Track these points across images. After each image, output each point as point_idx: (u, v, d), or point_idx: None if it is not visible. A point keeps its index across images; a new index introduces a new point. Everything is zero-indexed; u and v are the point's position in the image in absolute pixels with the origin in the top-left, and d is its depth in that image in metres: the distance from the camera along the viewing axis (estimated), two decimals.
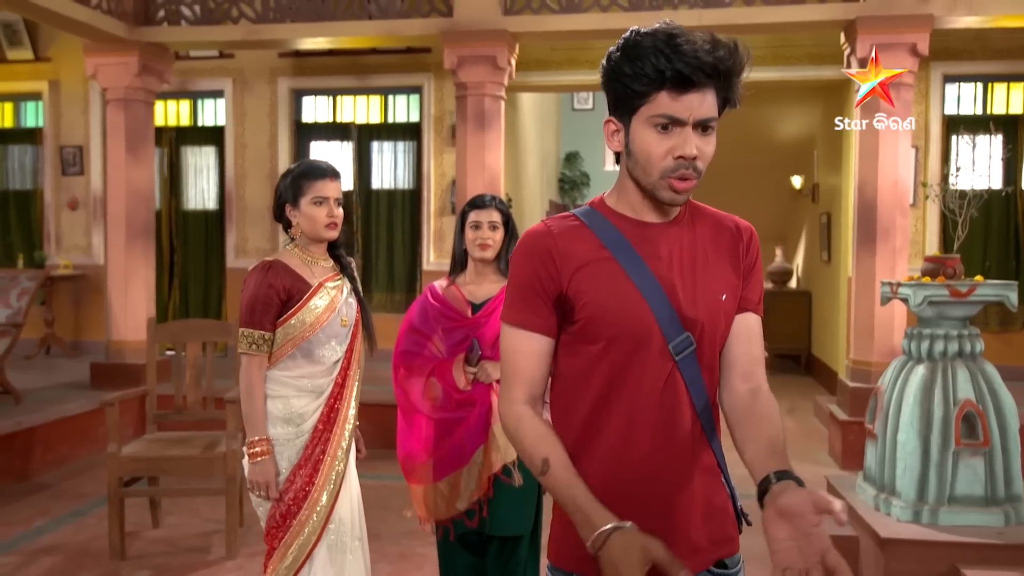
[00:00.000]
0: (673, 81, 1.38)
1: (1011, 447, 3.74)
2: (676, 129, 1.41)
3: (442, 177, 8.22)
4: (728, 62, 1.41)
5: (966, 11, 5.99)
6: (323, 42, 7.09)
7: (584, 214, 1.54)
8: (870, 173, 6.09)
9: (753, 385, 1.55)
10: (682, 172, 1.42)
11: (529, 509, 2.86)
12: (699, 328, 1.48)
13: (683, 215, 1.54)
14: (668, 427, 1.47)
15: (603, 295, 1.46)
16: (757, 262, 1.60)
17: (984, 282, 3.79)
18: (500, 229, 2.88)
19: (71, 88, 8.63)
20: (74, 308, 8.70)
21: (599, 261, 1.48)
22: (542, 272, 1.49)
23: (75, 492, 5.21)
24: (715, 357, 1.53)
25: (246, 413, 2.64)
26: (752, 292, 1.59)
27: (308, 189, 2.69)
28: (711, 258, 1.53)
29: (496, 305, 2.83)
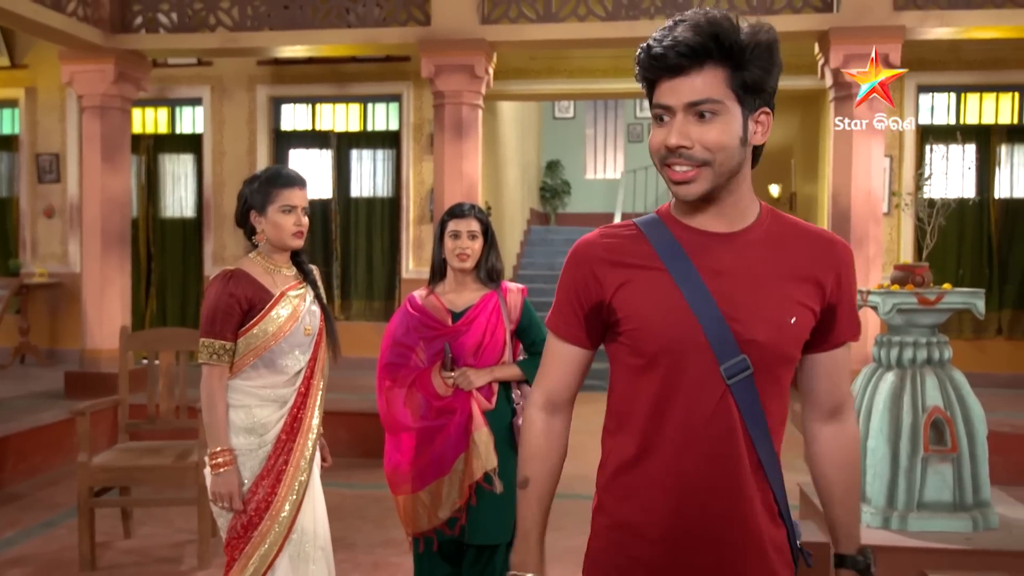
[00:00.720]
0: (654, 68, 1.33)
1: (979, 453, 3.78)
2: (670, 119, 1.34)
3: (421, 185, 8.23)
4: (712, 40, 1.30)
5: (938, 23, 6.07)
6: (301, 50, 7.09)
7: (644, 222, 1.46)
8: (844, 182, 6.16)
9: (837, 425, 1.48)
10: (671, 160, 1.34)
11: (509, 518, 2.84)
12: (758, 351, 1.35)
13: (758, 225, 1.42)
14: (719, 455, 1.37)
15: (649, 308, 1.37)
16: (852, 286, 1.45)
17: (952, 290, 3.84)
18: (479, 238, 2.88)
19: (48, 95, 8.58)
20: (50, 317, 8.63)
21: (649, 271, 1.39)
22: (580, 283, 1.44)
23: (47, 502, 5.16)
24: (779, 385, 1.40)
25: (207, 423, 2.61)
26: (843, 324, 1.44)
27: (276, 197, 2.65)
28: (784, 276, 1.39)
29: (476, 314, 2.85)
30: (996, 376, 7.40)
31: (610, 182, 15.00)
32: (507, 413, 2.87)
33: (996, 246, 7.71)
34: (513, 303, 2.90)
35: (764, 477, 1.40)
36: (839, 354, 1.46)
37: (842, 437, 1.49)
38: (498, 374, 2.84)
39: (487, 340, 2.82)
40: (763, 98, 1.37)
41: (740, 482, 1.37)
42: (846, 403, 1.49)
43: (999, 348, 7.66)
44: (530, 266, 11.38)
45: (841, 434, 1.48)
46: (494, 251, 2.93)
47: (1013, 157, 7.76)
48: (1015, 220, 7.71)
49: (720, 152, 1.32)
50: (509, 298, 2.90)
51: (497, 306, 2.86)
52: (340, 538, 4.41)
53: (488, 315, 2.84)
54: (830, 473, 1.49)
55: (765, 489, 1.40)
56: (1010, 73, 7.57)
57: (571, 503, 4.90)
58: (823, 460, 1.50)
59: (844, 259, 1.44)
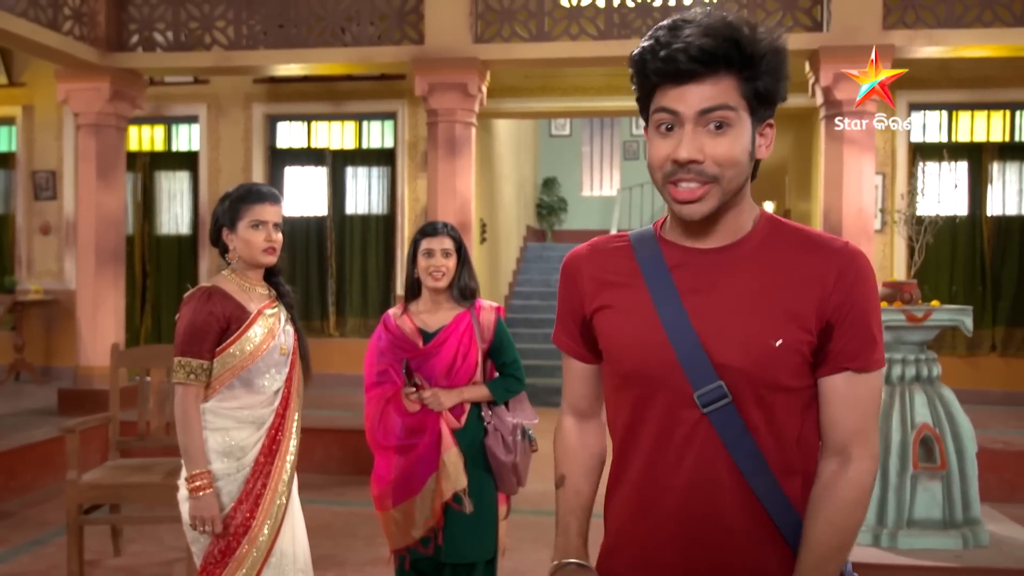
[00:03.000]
0: (663, 72, 1.21)
1: (968, 471, 3.78)
2: (678, 130, 1.22)
3: (416, 202, 8.26)
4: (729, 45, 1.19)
5: (927, 42, 6.12)
6: (296, 68, 7.13)
7: (637, 236, 1.38)
8: (835, 200, 6.19)
9: (842, 461, 1.27)
10: (678, 176, 1.22)
11: (486, 538, 2.85)
12: (736, 377, 1.23)
13: (752, 237, 1.29)
14: (695, 485, 1.26)
15: (624, 328, 1.31)
16: (860, 301, 1.25)
17: (940, 307, 3.85)
18: (453, 256, 2.87)
19: (45, 113, 8.62)
20: (45, 334, 8.63)
21: (627, 288, 1.32)
22: (571, 295, 1.40)
23: (37, 520, 5.14)
24: (774, 414, 1.25)
25: (184, 445, 2.54)
26: (846, 342, 1.25)
27: (245, 213, 2.61)
28: (776, 293, 1.25)
29: (448, 335, 2.84)
30: (990, 393, 7.40)
31: (606, 199, 15.04)
32: (478, 432, 2.86)
33: (989, 263, 7.73)
34: (486, 322, 2.89)
35: (764, 514, 1.26)
36: (839, 382, 1.26)
37: (839, 478, 1.27)
38: (467, 395, 2.84)
39: (459, 362, 2.82)
40: (771, 110, 1.27)
41: (722, 515, 1.26)
42: (855, 441, 1.27)
43: (993, 365, 7.67)
44: (526, 283, 11.39)
45: (839, 474, 1.27)
46: (467, 269, 2.92)
47: (1005, 174, 7.80)
48: (1007, 237, 7.74)
49: (730, 168, 1.22)
50: (482, 317, 2.89)
51: (470, 325, 2.86)
52: (330, 556, 4.41)
53: (460, 335, 2.84)
54: (811, 513, 1.27)
55: (765, 526, 1.26)
56: (1001, 91, 7.62)
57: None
58: (812, 497, 1.29)
59: (848, 266, 1.25)
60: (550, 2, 6.61)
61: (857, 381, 1.27)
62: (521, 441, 2.85)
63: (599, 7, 6.54)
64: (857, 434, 1.28)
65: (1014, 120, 7.86)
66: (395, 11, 6.75)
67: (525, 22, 6.59)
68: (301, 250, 8.43)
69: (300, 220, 8.44)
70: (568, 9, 6.59)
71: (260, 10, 6.84)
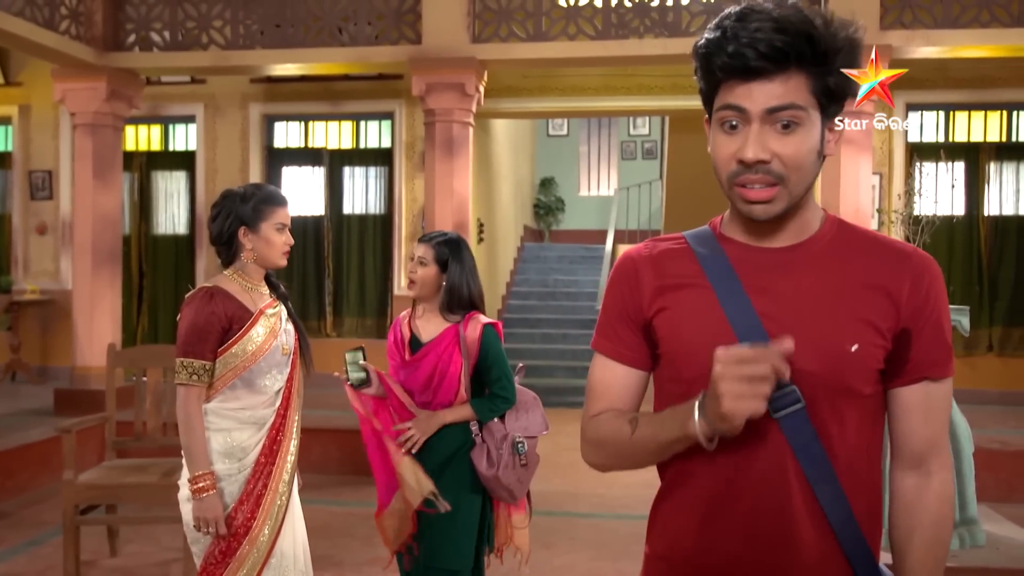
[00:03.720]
0: (730, 69, 1.16)
1: (965, 471, 3.78)
2: (744, 127, 1.17)
3: (414, 202, 8.25)
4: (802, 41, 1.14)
5: (924, 42, 6.13)
6: (294, 68, 7.13)
7: (694, 235, 1.33)
8: (832, 200, 6.19)
9: (919, 478, 1.26)
10: (745, 177, 1.18)
11: (465, 544, 2.83)
12: (810, 382, 1.18)
13: (820, 237, 1.26)
14: (763, 495, 1.21)
15: (689, 330, 1.25)
16: (936, 308, 1.23)
17: None
18: (430, 266, 2.85)
19: (41, 113, 8.60)
20: (41, 334, 8.62)
21: (692, 289, 1.26)
22: (627, 297, 1.32)
23: (33, 520, 5.13)
24: (846, 423, 1.22)
25: (187, 446, 2.54)
26: (926, 350, 1.23)
27: (271, 215, 2.63)
28: (847, 296, 1.21)
29: (430, 349, 2.83)
30: (987, 393, 7.41)
31: (604, 199, 15.05)
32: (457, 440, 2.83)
33: (986, 263, 7.74)
34: (471, 337, 2.81)
35: (828, 526, 1.21)
36: (917, 392, 1.23)
37: (925, 493, 1.26)
38: (448, 418, 2.81)
39: (436, 379, 2.81)
40: (841, 106, 1.23)
41: (788, 525, 1.21)
42: (932, 452, 1.26)
43: (990, 365, 7.67)
44: (524, 283, 11.39)
45: (924, 489, 1.26)
46: (456, 284, 2.85)
47: (1002, 175, 7.80)
48: (1005, 237, 7.75)
49: (798, 169, 1.18)
50: (468, 332, 2.82)
51: (454, 341, 2.81)
52: (327, 556, 4.40)
53: (442, 351, 2.81)
54: (904, 535, 1.27)
55: (828, 540, 1.22)
56: (998, 91, 7.63)
57: (560, 521, 4.90)
58: (898, 518, 1.28)
59: (922, 273, 1.22)
60: (548, 2, 6.61)
61: (934, 390, 1.25)
62: (510, 455, 2.79)
63: (596, 7, 6.54)
64: (934, 445, 1.27)
65: (1011, 120, 7.87)
66: (392, 11, 6.74)
67: (523, 22, 6.59)
68: (298, 250, 8.42)
69: (297, 220, 8.42)
70: (566, 9, 6.59)
71: (257, 10, 6.84)
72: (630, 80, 8.07)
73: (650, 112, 11.35)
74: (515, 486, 2.81)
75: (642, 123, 15.42)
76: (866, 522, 1.24)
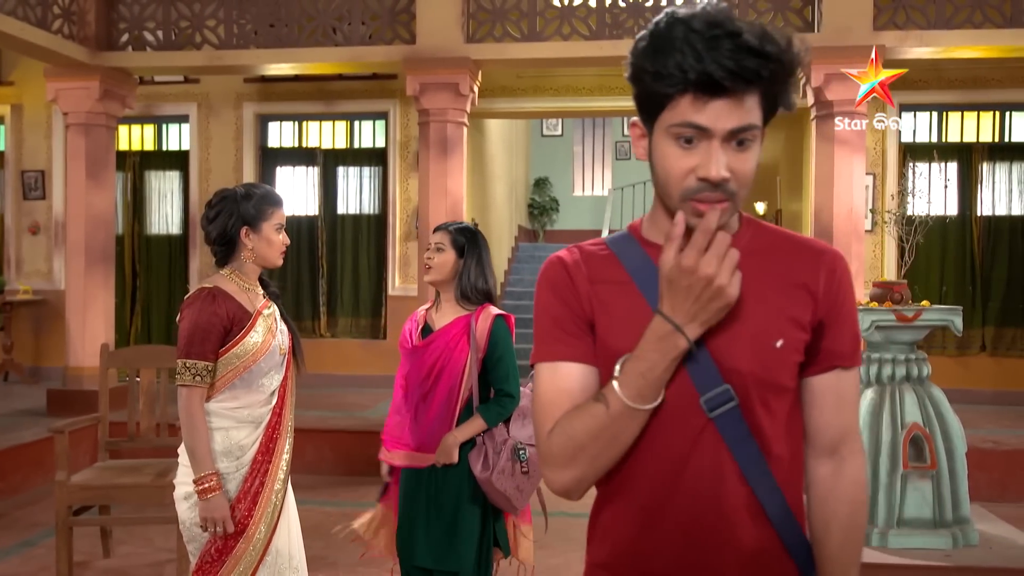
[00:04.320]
0: (698, 85, 1.13)
1: (958, 470, 3.79)
2: (702, 143, 1.16)
3: (408, 202, 8.25)
4: (774, 62, 1.14)
5: (917, 43, 6.15)
6: (287, 68, 7.12)
7: (615, 240, 1.32)
8: (826, 200, 6.21)
9: (834, 465, 1.29)
10: (705, 195, 1.17)
11: (465, 548, 2.80)
12: (741, 380, 1.20)
13: (738, 238, 1.26)
14: (701, 494, 1.22)
15: (622, 334, 1.23)
16: (845, 301, 1.28)
17: (930, 307, 3.87)
18: (447, 251, 2.85)
19: (34, 112, 8.57)
20: (34, 334, 8.59)
21: (623, 296, 1.26)
22: (569, 298, 1.28)
23: (26, 521, 5.12)
24: (776, 418, 1.24)
25: (191, 447, 2.55)
26: (838, 341, 1.27)
27: (272, 215, 2.65)
28: (769, 295, 1.24)
29: (437, 336, 2.83)
30: (980, 392, 7.43)
31: (598, 199, 15.05)
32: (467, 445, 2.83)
33: (979, 263, 7.77)
34: (481, 329, 2.80)
35: (766, 521, 1.23)
36: (830, 380, 1.27)
37: (840, 480, 1.29)
38: (463, 436, 2.79)
39: (438, 367, 2.79)
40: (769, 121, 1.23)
41: (727, 523, 1.22)
42: (845, 439, 1.29)
43: (983, 365, 7.70)
44: (518, 283, 11.38)
45: (839, 476, 1.29)
46: (473, 271, 2.85)
47: (995, 175, 7.84)
48: (997, 237, 7.78)
49: (747, 185, 1.19)
50: (479, 323, 2.81)
51: (464, 331, 2.80)
52: (321, 556, 4.39)
53: (448, 339, 2.80)
54: (821, 523, 1.29)
55: (767, 534, 1.24)
56: (991, 92, 7.66)
57: (555, 520, 4.89)
58: (815, 507, 1.30)
59: (834, 267, 1.27)
60: (542, 2, 6.61)
61: (844, 378, 1.29)
62: (508, 460, 2.75)
63: (591, 7, 6.54)
64: (847, 432, 1.30)
65: (1004, 121, 7.90)
66: (386, 11, 6.74)
67: (517, 22, 6.58)
68: (292, 250, 8.30)
69: (291, 220, 8.40)
70: (560, 9, 6.59)
71: (251, 9, 6.82)
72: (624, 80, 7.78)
73: None
74: (512, 494, 2.76)
75: None
76: (798, 513, 1.27)
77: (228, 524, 2.53)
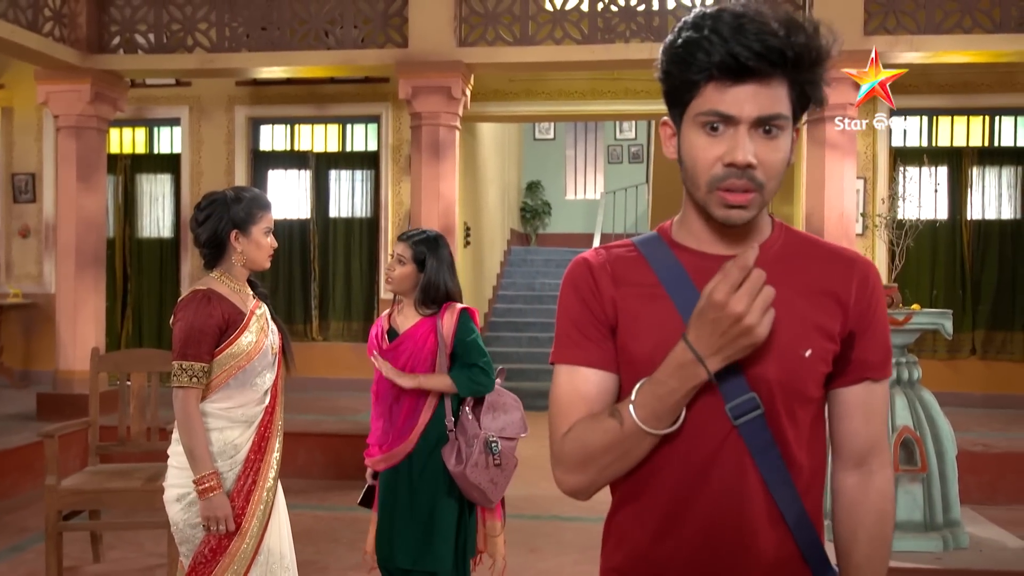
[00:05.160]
0: (722, 67, 1.12)
1: (948, 473, 3.81)
2: (728, 130, 1.15)
3: (400, 206, 8.24)
4: (800, 46, 1.13)
5: (907, 47, 6.17)
6: (279, 71, 7.11)
7: (643, 242, 1.30)
8: (817, 204, 6.23)
9: (861, 477, 1.28)
10: (731, 182, 1.15)
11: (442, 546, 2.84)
12: (768, 388, 1.19)
13: (771, 244, 1.25)
14: (723, 503, 1.20)
15: (647, 339, 1.22)
16: (877, 311, 1.25)
17: (920, 311, 3.88)
18: (407, 264, 2.91)
19: (24, 115, 8.54)
20: (24, 337, 8.54)
21: (649, 299, 1.24)
22: (590, 300, 1.27)
23: (16, 526, 5.09)
24: (801, 427, 1.23)
25: (190, 448, 2.56)
26: (869, 352, 1.25)
27: (261, 218, 2.69)
28: (799, 303, 1.21)
29: (405, 338, 2.89)
30: (970, 396, 7.47)
31: (590, 203, 15.07)
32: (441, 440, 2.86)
33: (969, 267, 7.81)
34: (447, 325, 2.88)
35: (786, 528, 1.22)
36: (860, 392, 1.26)
37: (867, 491, 1.28)
38: (426, 383, 2.83)
39: (408, 370, 2.85)
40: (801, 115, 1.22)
41: (747, 530, 1.21)
42: (874, 451, 1.28)
43: (973, 368, 7.74)
44: (510, 286, 11.39)
45: (866, 487, 1.28)
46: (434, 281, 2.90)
47: (984, 179, 7.88)
48: (987, 241, 7.82)
49: (776, 177, 1.18)
50: (444, 320, 2.88)
51: (431, 331, 2.88)
52: (312, 561, 4.38)
53: (416, 340, 2.87)
54: (848, 533, 1.28)
55: (786, 542, 1.23)
56: (981, 96, 7.70)
57: (546, 524, 4.90)
58: (841, 517, 1.29)
59: (866, 277, 1.25)
60: (534, 6, 6.62)
61: (874, 390, 1.27)
62: (481, 453, 2.78)
63: (583, 11, 6.55)
64: (875, 444, 1.28)
65: (993, 125, 7.94)
66: (379, 14, 6.74)
67: (509, 26, 6.59)
68: (284, 253, 8.38)
69: (283, 223, 8.39)
70: (552, 13, 6.61)
71: (243, 12, 6.81)
72: (616, 84, 8.09)
73: (636, 116, 11.39)
74: (487, 486, 2.80)
75: (628, 127, 15.45)
76: (817, 521, 1.26)
77: (231, 522, 2.56)
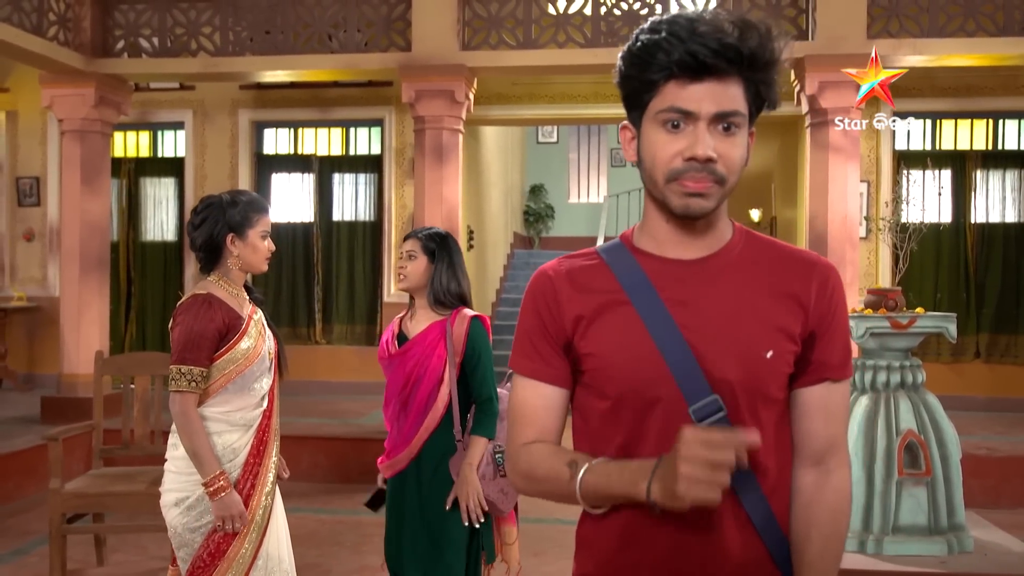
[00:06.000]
0: (682, 65, 1.16)
1: (953, 477, 3.79)
2: (688, 127, 1.18)
3: (403, 209, 8.25)
4: (755, 46, 1.17)
5: (911, 51, 6.17)
6: (283, 75, 7.12)
7: (607, 249, 1.32)
8: (820, 207, 6.22)
9: (819, 475, 1.29)
10: (690, 175, 1.18)
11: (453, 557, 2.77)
12: (731, 390, 1.21)
13: (731, 248, 1.28)
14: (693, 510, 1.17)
15: (611, 345, 1.24)
16: (836, 313, 1.28)
17: (924, 314, 3.87)
18: (419, 258, 2.84)
19: (29, 119, 8.56)
20: (28, 341, 8.56)
21: (612, 306, 1.26)
22: (546, 315, 1.30)
23: (20, 530, 5.09)
24: (766, 429, 1.23)
25: (194, 451, 2.55)
26: (829, 353, 1.28)
27: (258, 222, 2.68)
28: (761, 305, 1.24)
29: (414, 344, 2.80)
30: (974, 399, 7.46)
31: (593, 206, 15.07)
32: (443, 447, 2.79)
33: (972, 270, 7.80)
34: (458, 333, 2.77)
35: (753, 530, 1.24)
36: (819, 392, 1.28)
37: (824, 490, 1.29)
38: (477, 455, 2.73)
39: (415, 375, 2.76)
40: (755, 117, 1.25)
41: (714, 533, 1.22)
42: (832, 450, 1.29)
43: (977, 371, 7.72)
44: (513, 290, 11.39)
45: (823, 485, 1.29)
46: (445, 276, 2.82)
47: (988, 182, 7.87)
48: (991, 245, 7.81)
49: (735, 172, 1.21)
50: (455, 327, 2.78)
51: (440, 337, 2.78)
52: (315, 564, 4.38)
53: (425, 346, 2.77)
54: (802, 530, 1.28)
55: (754, 543, 1.25)
56: (984, 100, 7.70)
57: (551, 528, 4.89)
58: (797, 514, 1.29)
59: (826, 279, 1.28)
60: (537, 10, 6.63)
61: (833, 390, 1.29)
62: (490, 465, 2.73)
63: (586, 15, 6.56)
64: (834, 443, 1.30)
65: (997, 128, 7.94)
66: (382, 18, 6.75)
67: (512, 30, 6.60)
68: (287, 257, 8.40)
69: (286, 226, 8.41)
70: (555, 17, 6.61)
71: (246, 16, 6.83)
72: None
73: None
74: (496, 496, 2.75)
75: None
76: (783, 522, 1.28)
77: (245, 518, 2.58)
